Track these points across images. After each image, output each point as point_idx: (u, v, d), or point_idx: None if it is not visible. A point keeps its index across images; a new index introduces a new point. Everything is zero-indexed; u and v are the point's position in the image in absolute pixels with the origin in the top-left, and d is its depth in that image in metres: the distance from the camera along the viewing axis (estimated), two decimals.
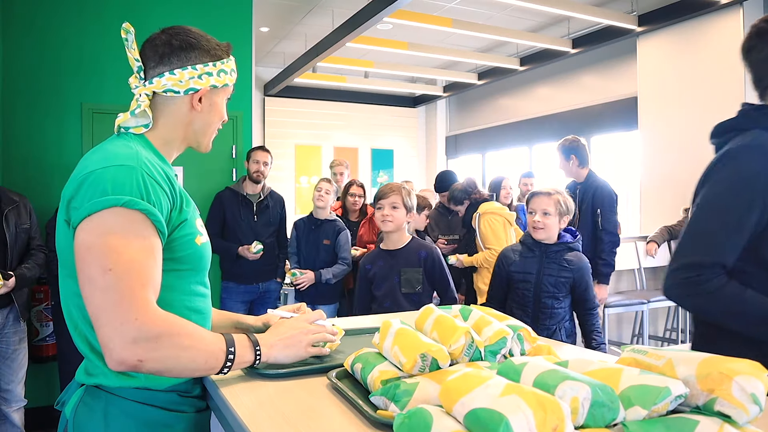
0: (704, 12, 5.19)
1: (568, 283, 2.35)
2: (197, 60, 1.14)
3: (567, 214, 2.40)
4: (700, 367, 0.74)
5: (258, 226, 3.64)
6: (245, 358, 1.05)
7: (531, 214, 2.41)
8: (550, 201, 2.38)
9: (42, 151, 3.47)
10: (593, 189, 3.60)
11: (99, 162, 1.01)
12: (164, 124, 1.16)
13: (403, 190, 2.51)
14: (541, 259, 2.39)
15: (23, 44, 3.45)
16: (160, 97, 1.15)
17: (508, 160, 8.62)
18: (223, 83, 1.17)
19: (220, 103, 1.20)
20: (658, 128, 5.71)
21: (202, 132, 1.19)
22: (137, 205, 0.97)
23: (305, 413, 0.91)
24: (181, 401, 1.10)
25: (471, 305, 1.17)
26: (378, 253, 2.59)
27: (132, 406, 1.04)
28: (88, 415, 1.04)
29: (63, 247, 1.05)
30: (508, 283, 2.45)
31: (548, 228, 2.38)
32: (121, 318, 0.90)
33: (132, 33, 1.12)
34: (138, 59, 1.14)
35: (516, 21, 6.44)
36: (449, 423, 0.71)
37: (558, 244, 2.40)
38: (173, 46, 1.12)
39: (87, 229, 0.95)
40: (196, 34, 1.16)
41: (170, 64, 1.13)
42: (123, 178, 0.98)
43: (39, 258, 2.89)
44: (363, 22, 5.21)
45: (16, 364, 2.88)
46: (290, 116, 8.81)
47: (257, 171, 3.64)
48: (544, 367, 0.78)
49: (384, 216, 2.46)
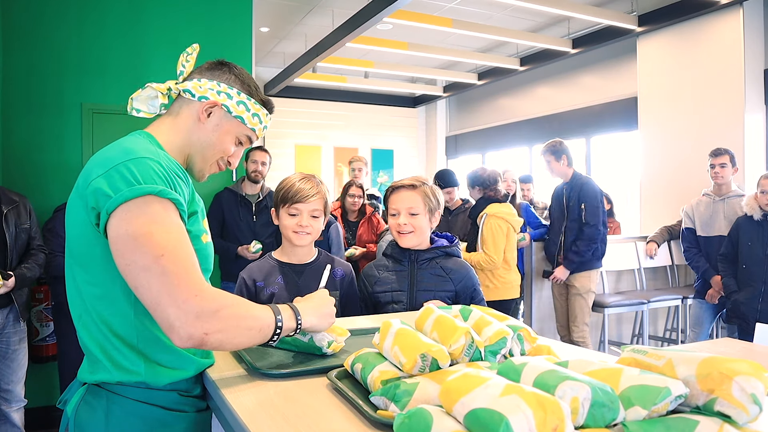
0: (704, 12, 5.19)
1: (450, 297, 1.88)
2: (227, 81, 1.19)
3: (438, 209, 1.95)
4: (700, 367, 0.74)
5: (257, 226, 3.65)
6: (289, 325, 1.11)
7: (394, 215, 1.93)
8: (416, 196, 1.91)
9: (42, 151, 3.47)
10: (579, 186, 3.90)
11: (124, 154, 1.03)
12: (174, 127, 1.18)
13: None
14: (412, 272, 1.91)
15: (23, 44, 3.45)
16: (180, 99, 1.19)
17: (508, 160, 8.62)
18: (238, 114, 1.18)
19: (227, 132, 1.19)
20: (658, 128, 5.71)
21: (198, 150, 1.18)
22: (168, 195, 1.01)
23: (305, 413, 0.91)
24: (182, 401, 1.10)
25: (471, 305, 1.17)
26: None
27: (133, 405, 1.05)
28: (90, 414, 1.05)
29: (76, 235, 1.06)
30: (375, 307, 1.93)
31: (418, 231, 1.90)
32: (183, 296, 0.94)
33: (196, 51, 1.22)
34: (185, 66, 1.21)
35: (516, 21, 6.44)
36: (449, 423, 0.71)
37: (431, 250, 1.93)
38: (215, 67, 1.21)
39: (127, 218, 0.97)
40: (244, 71, 1.24)
41: (202, 75, 1.20)
42: (150, 169, 1.02)
43: (39, 258, 2.89)
44: (363, 22, 5.21)
45: (16, 364, 2.87)
46: (290, 116, 8.82)
47: (255, 171, 3.65)
48: (544, 367, 0.78)
49: None
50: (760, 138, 5.02)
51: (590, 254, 3.88)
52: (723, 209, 3.86)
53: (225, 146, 1.20)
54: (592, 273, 3.98)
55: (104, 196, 0.98)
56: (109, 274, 1.03)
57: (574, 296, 4.00)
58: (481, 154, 9.06)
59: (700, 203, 4.01)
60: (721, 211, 3.86)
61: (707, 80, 5.22)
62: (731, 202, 3.85)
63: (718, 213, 3.87)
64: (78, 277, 1.07)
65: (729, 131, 4.98)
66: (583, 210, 3.87)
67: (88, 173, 1.04)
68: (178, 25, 3.75)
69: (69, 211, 1.08)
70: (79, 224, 1.05)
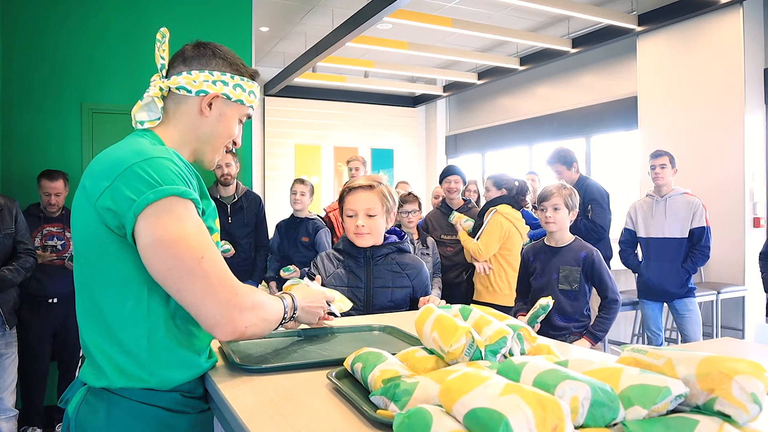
0: (704, 12, 5.19)
1: (408, 293, 1.90)
2: (217, 68, 1.18)
3: (393, 209, 1.93)
4: (700, 366, 0.74)
5: (233, 228, 3.67)
6: (288, 316, 1.23)
7: (351, 216, 1.90)
8: (373, 197, 1.88)
9: (42, 151, 3.47)
10: (584, 188, 3.91)
11: (136, 155, 1.02)
12: (175, 125, 1.18)
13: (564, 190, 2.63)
14: (368, 269, 1.90)
15: (23, 44, 3.45)
16: (175, 96, 1.17)
17: (508, 159, 8.62)
18: (237, 98, 1.19)
19: (231, 117, 1.20)
20: (658, 128, 5.71)
21: (206, 141, 1.19)
22: (189, 195, 1.03)
23: (305, 413, 0.91)
24: (184, 402, 1.10)
25: (471, 305, 1.17)
26: (541, 246, 2.74)
27: (135, 407, 1.04)
28: (91, 415, 1.04)
29: (86, 237, 1.05)
30: None
31: (375, 233, 1.88)
32: (227, 296, 1.01)
33: (167, 37, 1.18)
34: (164, 58, 1.18)
35: (516, 20, 6.44)
36: (449, 422, 0.71)
37: (386, 246, 1.92)
38: (199, 53, 1.18)
39: (158, 224, 0.98)
40: (225, 49, 1.21)
41: (191, 66, 1.17)
42: (167, 169, 1.02)
43: (27, 262, 2.80)
44: (363, 21, 5.21)
45: (3, 371, 2.77)
46: (290, 116, 8.81)
47: (223, 175, 3.65)
48: (544, 366, 0.78)
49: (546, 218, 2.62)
50: (760, 138, 5.02)
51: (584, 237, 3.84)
52: (664, 209, 3.86)
53: (231, 131, 1.21)
54: None
55: (126, 199, 0.98)
56: (121, 275, 1.03)
57: None
58: (481, 153, 9.06)
59: (643, 203, 4.00)
60: (662, 212, 3.87)
61: (707, 80, 5.21)
62: (672, 202, 3.84)
63: (660, 213, 3.88)
64: (89, 277, 1.06)
65: (729, 131, 4.98)
66: (590, 210, 3.87)
67: (97, 175, 1.03)
68: (178, 25, 3.72)
69: (75, 214, 1.08)
70: (87, 227, 1.04)
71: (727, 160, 5.01)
